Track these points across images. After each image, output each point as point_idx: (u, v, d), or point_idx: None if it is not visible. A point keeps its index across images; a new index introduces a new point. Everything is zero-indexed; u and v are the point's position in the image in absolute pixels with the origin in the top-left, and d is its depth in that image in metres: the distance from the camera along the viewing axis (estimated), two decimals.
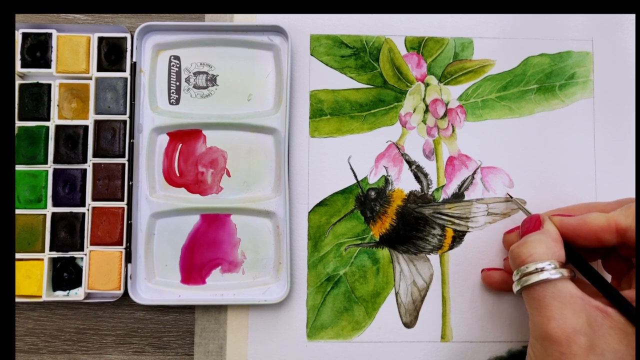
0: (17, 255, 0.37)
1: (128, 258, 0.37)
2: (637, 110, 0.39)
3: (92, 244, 0.37)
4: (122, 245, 0.37)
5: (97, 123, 0.38)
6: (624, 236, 0.29)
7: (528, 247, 0.30)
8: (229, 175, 0.39)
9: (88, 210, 0.37)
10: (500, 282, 0.36)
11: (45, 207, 0.37)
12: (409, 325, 0.38)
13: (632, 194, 0.39)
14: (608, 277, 0.34)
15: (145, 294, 0.37)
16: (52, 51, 0.38)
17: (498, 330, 0.38)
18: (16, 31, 0.38)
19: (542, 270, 0.29)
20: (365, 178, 0.39)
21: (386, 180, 0.39)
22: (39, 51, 0.38)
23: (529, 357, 0.30)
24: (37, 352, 0.38)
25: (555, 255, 0.29)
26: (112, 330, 0.38)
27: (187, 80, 0.39)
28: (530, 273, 0.29)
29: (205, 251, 0.38)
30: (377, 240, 0.38)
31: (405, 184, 0.39)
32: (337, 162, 0.39)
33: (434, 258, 0.38)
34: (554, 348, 0.27)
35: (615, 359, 0.27)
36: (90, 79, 0.38)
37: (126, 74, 0.38)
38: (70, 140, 0.38)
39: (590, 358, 0.26)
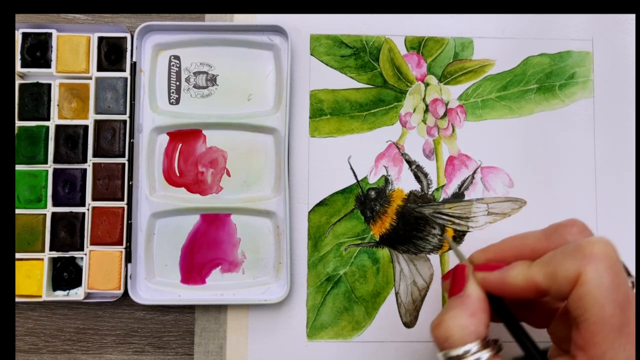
0: (17, 255, 0.37)
1: (128, 258, 0.37)
2: (637, 110, 0.39)
3: (92, 243, 0.37)
4: (122, 245, 0.37)
5: (97, 123, 0.38)
6: (548, 294, 0.26)
7: (444, 329, 0.26)
8: (229, 175, 0.39)
9: (88, 210, 0.37)
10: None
11: (45, 207, 0.37)
12: (409, 325, 0.38)
13: (632, 194, 0.39)
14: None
15: (145, 293, 0.37)
16: (52, 51, 0.38)
17: (498, 330, 0.38)
18: (16, 31, 0.38)
19: (459, 357, 0.26)
20: (365, 178, 0.39)
21: (386, 180, 0.39)
22: (39, 51, 0.38)
23: None
24: (37, 352, 0.38)
25: (475, 334, 0.26)
26: (112, 330, 0.38)
27: (187, 80, 0.39)
28: (450, 359, 0.26)
29: (205, 251, 0.38)
30: (377, 240, 0.38)
31: (405, 183, 0.39)
32: (337, 162, 0.39)
33: (434, 258, 0.38)
34: None
35: None
36: (90, 78, 0.38)
37: (126, 74, 0.38)
38: (70, 140, 0.38)
39: None
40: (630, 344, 0.23)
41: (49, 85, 0.38)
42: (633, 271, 0.28)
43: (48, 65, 0.38)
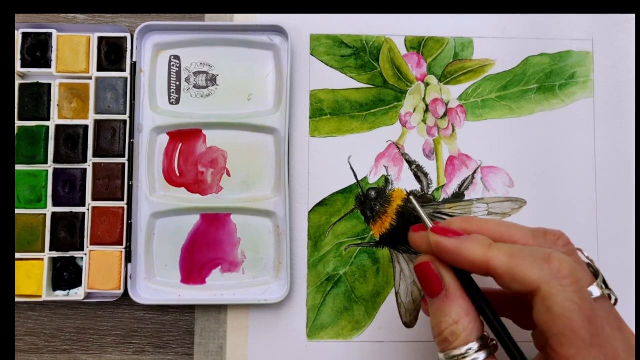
0: (17, 255, 0.37)
1: (128, 258, 0.37)
2: (637, 110, 0.39)
3: (92, 243, 0.37)
4: (122, 245, 0.37)
5: (97, 123, 0.38)
6: (499, 281, 0.26)
7: (449, 332, 0.26)
8: (229, 175, 0.39)
9: (88, 210, 0.37)
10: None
11: (45, 207, 0.37)
12: (409, 325, 0.38)
13: (632, 194, 0.39)
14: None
15: (145, 293, 0.37)
16: (52, 51, 0.38)
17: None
18: (16, 31, 0.38)
19: (462, 356, 0.26)
20: (366, 178, 0.39)
21: (386, 180, 0.39)
22: (39, 51, 0.38)
23: None
24: (37, 352, 0.38)
25: (475, 333, 0.26)
26: (112, 330, 0.38)
27: (187, 80, 0.39)
28: (452, 358, 0.26)
29: (205, 251, 0.38)
30: (377, 240, 0.38)
31: (405, 183, 0.39)
32: (337, 162, 0.39)
33: None
34: None
35: None
36: (90, 78, 0.38)
37: (126, 74, 0.38)
38: (70, 140, 0.38)
39: None
40: (602, 355, 0.23)
41: (49, 85, 0.38)
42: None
43: (48, 65, 0.38)
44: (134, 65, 0.38)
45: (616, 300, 0.27)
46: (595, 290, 0.26)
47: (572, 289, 0.24)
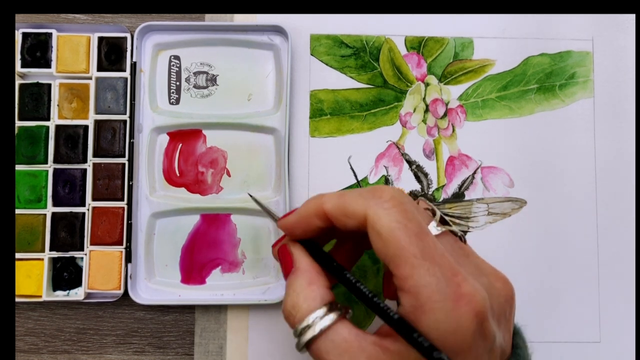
0: (17, 255, 0.37)
1: (128, 258, 0.37)
2: (637, 110, 0.39)
3: (92, 243, 0.37)
4: (122, 245, 0.37)
5: (97, 123, 0.38)
6: (336, 222, 0.27)
7: (290, 307, 0.27)
8: (229, 175, 0.39)
9: (88, 210, 0.37)
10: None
11: (45, 207, 0.37)
12: None
13: (632, 194, 0.39)
14: None
15: (145, 293, 0.37)
16: (52, 51, 0.38)
17: None
18: (16, 31, 0.38)
19: (309, 327, 0.26)
20: (366, 178, 0.39)
21: (386, 180, 0.39)
22: (39, 51, 0.38)
23: None
24: (37, 352, 0.38)
25: (318, 300, 0.26)
26: (112, 330, 0.38)
27: (187, 80, 0.39)
28: (302, 333, 0.26)
29: (205, 251, 0.38)
30: None
31: (405, 183, 0.39)
32: (337, 162, 0.39)
33: None
34: None
35: None
36: (90, 78, 0.38)
37: (126, 74, 0.38)
38: (70, 140, 0.38)
39: None
40: (437, 265, 0.24)
41: (49, 85, 0.38)
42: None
43: (48, 65, 0.38)
44: (134, 65, 0.38)
45: (461, 237, 0.28)
46: (433, 228, 0.26)
47: (395, 210, 0.25)
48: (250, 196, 0.36)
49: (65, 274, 0.37)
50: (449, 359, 0.22)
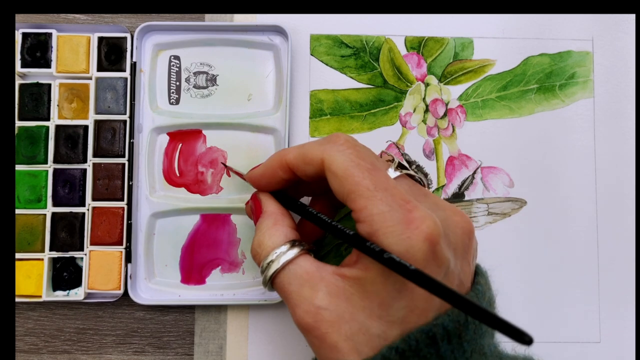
0: (17, 255, 0.37)
1: (128, 258, 0.37)
2: (637, 110, 0.39)
3: (92, 243, 0.37)
4: (122, 245, 0.37)
5: (97, 123, 0.38)
6: (298, 172, 0.29)
7: (256, 245, 0.29)
8: (229, 175, 0.39)
9: (88, 210, 0.37)
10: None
11: (45, 207, 0.37)
12: None
13: (632, 194, 0.39)
14: None
15: (145, 294, 0.37)
16: (52, 51, 0.38)
17: None
18: (16, 31, 0.38)
19: (272, 261, 0.28)
20: None
21: None
22: (39, 51, 0.38)
23: None
24: (37, 352, 0.38)
25: (282, 238, 0.28)
26: (112, 330, 0.38)
27: (187, 80, 0.39)
28: (266, 268, 0.28)
29: (205, 251, 0.38)
30: None
31: None
32: None
33: None
34: (310, 336, 0.26)
35: (367, 317, 0.25)
36: (90, 79, 0.38)
37: (126, 74, 0.38)
38: (70, 140, 0.38)
39: (343, 328, 0.25)
40: (390, 195, 0.25)
41: (49, 85, 0.38)
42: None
43: (48, 65, 0.38)
44: (134, 65, 0.38)
45: (420, 180, 0.30)
46: (391, 172, 0.28)
47: (348, 152, 0.27)
48: (223, 164, 0.38)
49: (65, 274, 0.37)
50: (398, 258, 0.24)
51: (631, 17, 0.40)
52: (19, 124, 0.38)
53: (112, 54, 0.38)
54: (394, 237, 0.24)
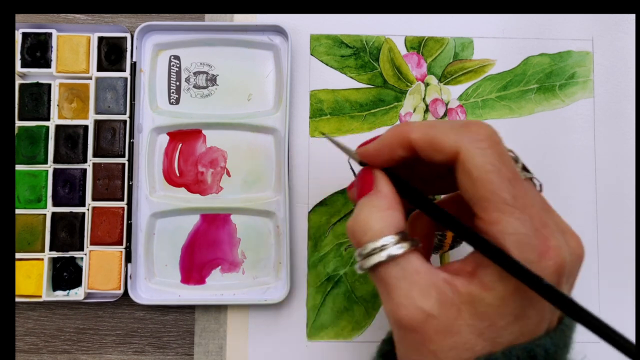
0: (17, 255, 0.37)
1: (128, 258, 0.37)
2: (637, 110, 0.39)
3: (92, 243, 0.37)
4: (122, 245, 0.37)
5: (97, 123, 0.38)
6: (422, 154, 0.25)
7: (362, 224, 0.25)
8: (229, 175, 0.39)
9: (88, 210, 0.37)
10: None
11: (45, 207, 0.37)
12: None
13: (632, 194, 0.39)
14: None
15: (145, 293, 0.37)
16: (52, 51, 0.38)
17: None
18: (16, 31, 0.38)
19: (381, 249, 0.24)
20: None
21: None
22: (39, 51, 0.38)
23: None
24: (37, 352, 0.38)
25: (394, 226, 0.25)
26: (112, 330, 0.38)
27: (187, 80, 0.39)
28: (370, 254, 0.25)
29: (205, 251, 0.38)
30: None
31: None
32: (337, 162, 0.39)
33: (434, 258, 0.38)
34: (410, 336, 0.24)
35: (474, 335, 0.23)
36: (90, 78, 0.38)
37: (126, 74, 0.38)
38: (70, 140, 0.38)
39: (448, 340, 0.23)
40: (527, 215, 0.23)
41: (49, 85, 0.38)
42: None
43: (48, 65, 0.38)
44: (134, 65, 0.38)
45: (540, 185, 0.27)
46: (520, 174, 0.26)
47: (490, 151, 0.24)
48: (323, 134, 0.35)
49: (65, 274, 0.37)
50: (548, 283, 0.22)
51: (631, 17, 0.40)
52: (19, 123, 0.38)
53: (112, 53, 0.38)
54: (526, 265, 0.22)
